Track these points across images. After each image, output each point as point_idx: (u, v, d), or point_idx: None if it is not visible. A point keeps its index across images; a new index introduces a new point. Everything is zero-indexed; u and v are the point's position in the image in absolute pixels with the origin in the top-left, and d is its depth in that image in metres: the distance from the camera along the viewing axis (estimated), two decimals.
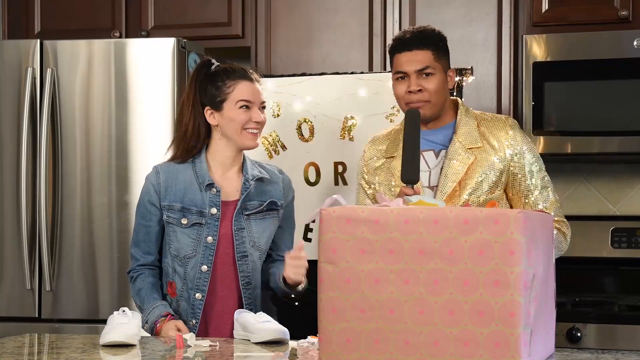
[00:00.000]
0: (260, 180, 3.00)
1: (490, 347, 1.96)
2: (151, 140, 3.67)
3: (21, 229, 3.73)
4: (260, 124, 2.97)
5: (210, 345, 2.52)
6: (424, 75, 2.87)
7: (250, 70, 3.02)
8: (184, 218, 2.94)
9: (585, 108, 3.72)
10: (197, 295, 2.92)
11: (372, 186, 3.04)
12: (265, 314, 2.71)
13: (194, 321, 2.92)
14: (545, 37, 3.76)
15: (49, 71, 3.73)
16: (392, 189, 2.98)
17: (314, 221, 3.57)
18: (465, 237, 1.99)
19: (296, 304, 3.33)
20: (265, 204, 2.99)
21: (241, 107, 2.94)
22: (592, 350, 2.45)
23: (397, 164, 2.93)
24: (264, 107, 3.00)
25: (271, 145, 3.63)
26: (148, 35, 4.14)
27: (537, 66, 3.75)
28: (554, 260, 2.25)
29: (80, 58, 3.74)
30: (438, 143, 2.96)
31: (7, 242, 3.78)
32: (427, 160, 2.94)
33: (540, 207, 2.93)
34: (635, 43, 3.65)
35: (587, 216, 4.07)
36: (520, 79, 3.81)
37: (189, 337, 2.55)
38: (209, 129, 2.99)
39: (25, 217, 3.72)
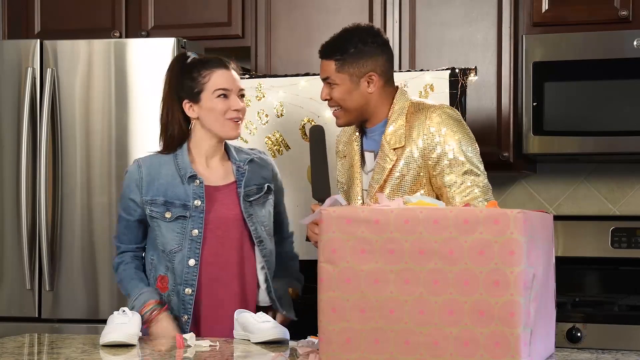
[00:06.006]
0: (251, 162, 2.99)
1: (490, 347, 1.96)
2: (151, 140, 3.65)
3: (21, 229, 3.73)
4: (241, 112, 2.94)
5: (210, 345, 2.52)
6: (330, 85, 2.89)
7: (226, 59, 2.98)
8: (167, 212, 2.90)
9: (585, 108, 3.72)
10: (187, 290, 2.88)
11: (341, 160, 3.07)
12: (265, 314, 2.71)
13: (186, 317, 2.88)
14: (545, 37, 3.75)
15: (49, 71, 3.72)
16: (339, 185, 3.07)
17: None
18: (465, 237, 1.99)
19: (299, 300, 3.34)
20: (265, 187, 3.00)
21: (219, 95, 2.91)
22: (592, 350, 2.45)
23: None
24: (242, 95, 2.97)
25: (275, 145, 3.62)
26: (148, 35, 4.14)
27: (537, 66, 3.74)
28: (554, 260, 2.25)
29: (80, 58, 3.73)
30: (376, 143, 2.93)
31: (7, 242, 3.78)
32: (367, 162, 2.95)
33: (457, 202, 2.82)
34: (635, 43, 3.65)
35: (587, 216, 4.06)
36: (520, 79, 3.80)
37: (189, 337, 2.55)
38: (188, 121, 2.97)
39: (25, 217, 3.72)
